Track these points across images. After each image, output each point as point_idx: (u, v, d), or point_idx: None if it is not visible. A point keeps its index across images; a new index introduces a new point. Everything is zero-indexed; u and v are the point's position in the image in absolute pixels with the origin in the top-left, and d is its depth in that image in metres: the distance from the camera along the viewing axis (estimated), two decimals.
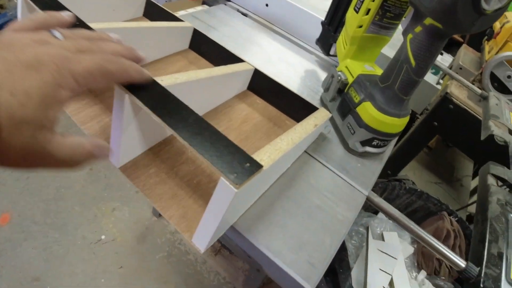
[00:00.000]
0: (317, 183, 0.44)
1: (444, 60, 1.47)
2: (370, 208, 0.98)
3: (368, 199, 0.46)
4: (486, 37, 1.48)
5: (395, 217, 0.48)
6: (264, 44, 0.70)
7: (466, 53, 1.45)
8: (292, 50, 0.71)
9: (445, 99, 1.10)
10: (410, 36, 0.40)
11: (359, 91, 0.46)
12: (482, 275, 0.41)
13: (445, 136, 1.24)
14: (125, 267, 1.18)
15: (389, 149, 0.52)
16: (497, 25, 1.37)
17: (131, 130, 0.37)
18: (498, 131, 0.76)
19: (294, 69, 0.65)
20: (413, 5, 0.38)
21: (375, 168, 0.49)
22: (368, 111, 0.44)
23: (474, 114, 1.07)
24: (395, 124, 0.44)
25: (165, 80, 0.38)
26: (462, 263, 0.45)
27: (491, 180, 0.62)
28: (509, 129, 0.78)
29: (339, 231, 0.39)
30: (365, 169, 0.48)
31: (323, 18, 0.65)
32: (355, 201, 0.44)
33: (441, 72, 1.39)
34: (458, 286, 0.87)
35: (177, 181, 0.39)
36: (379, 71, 0.51)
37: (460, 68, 1.29)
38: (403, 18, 0.49)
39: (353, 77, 0.48)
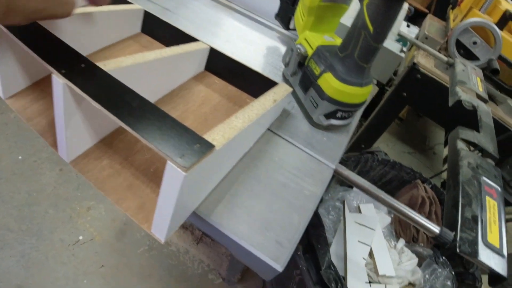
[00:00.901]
0: (282, 160, 0.42)
1: (411, 32, 1.48)
2: (345, 182, 0.99)
3: (336, 172, 0.46)
4: (450, 6, 1.50)
5: (365, 188, 0.48)
6: (223, 23, 0.67)
7: (431, 23, 1.46)
8: (252, 27, 0.69)
9: (413, 69, 1.11)
10: (366, 1, 0.38)
11: (319, 62, 0.45)
12: (458, 239, 0.41)
13: (415, 106, 1.26)
14: (107, 266, 1.16)
15: (355, 121, 0.51)
16: None
17: (76, 121, 0.34)
18: (465, 96, 0.77)
19: (254, 47, 0.63)
20: None
21: (341, 140, 0.49)
22: (329, 83, 0.43)
23: (442, 82, 1.09)
24: (358, 93, 0.43)
25: (108, 65, 0.35)
26: (436, 229, 0.44)
27: (461, 145, 0.62)
28: (476, 94, 0.79)
29: (307, 207, 0.38)
30: (331, 142, 0.48)
31: None
32: (322, 175, 0.43)
33: (408, 44, 1.40)
34: (437, 251, 0.89)
35: (132, 171, 0.37)
36: (339, 41, 0.49)
37: (426, 38, 1.30)
38: None
39: (312, 49, 0.47)
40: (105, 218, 1.26)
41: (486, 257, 0.40)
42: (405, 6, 0.90)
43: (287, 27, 0.63)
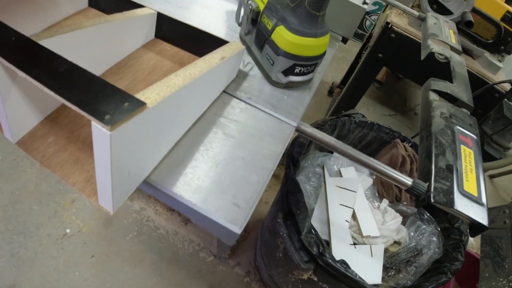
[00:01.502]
0: (239, 122, 0.41)
1: None
2: (324, 148, 0.98)
3: (298, 130, 0.44)
4: None
5: (331, 145, 0.46)
6: None
7: None
8: None
9: (387, 29, 1.08)
10: None
11: (271, 16, 0.42)
12: (432, 189, 0.39)
13: (392, 67, 1.24)
14: (97, 256, 1.15)
15: (317, 77, 0.49)
16: None
17: (14, 99, 0.32)
18: (437, 49, 0.75)
19: (210, 11, 0.60)
20: None
21: (303, 98, 0.47)
22: (282, 36, 0.40)
23: (416, 39, 1.07)
24: (313, 45, 0.41)
25: (40, 36, 0.33)
26: (408, 181, 0.42)
27: (432, 96, 0.60)
28: (450, 46, 0.77)
29: (266, 166, 0.37)
30: (293, 100, 0.46)
31: None
32: (283, 134, 0.41)
33: (383, 6, 1.37)
34: (421, 209, 0.89)
35: (78, 145, 0.35)
36: None
37: None
38: None
39: (263, 3, 0.44)
40: (90, 208, 1.25)
41: (464, 206, 0.38)
42: None
43: None
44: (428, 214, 0.85)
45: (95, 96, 0.25)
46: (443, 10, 1.12)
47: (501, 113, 1.43)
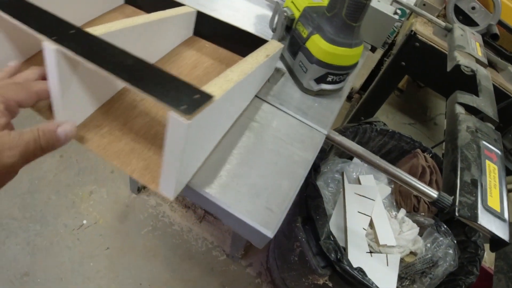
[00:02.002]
0: (271, 127, 0.41)
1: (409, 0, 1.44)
2: (344, 154, 0.98)
3: (328, 138, 0.44)
4: None
5: (359, 154, 0.46)
6: None
7: None
8: None
9: (411, 37, 1.08)
10: None
11: (306, 24, 0.43)
12: (457, 203, 0.39)
13: (414, 75, 1.23)
14: (111, 248, 1.18)
15: (347, 85, 0.50)
16: None
17: (72, 90, 0.33)
18: (464, 61, 0.75)
19: (241, 15, 0.60)
20: None
21: (333, 106, 0.47)
22: (317, 44, 0.41)
23: (441, 49, 1.06)
24: (348, 55, 0.41)
25: (98, 30, 0.34)
26: (434, 193, 0.42)
27: (459, 109, 0.60)
28: (475, 59, 0.77)
29: (297, 172, 0.38)
30: (323, 108, 0.46)
31: None
32: (313, 141, 0.42)
33: (407, 13, 1.36)
34: (438, 220, 0.89)
35: (132, 136, 0.36)
36: (327, 2, 0.47)
37: (424, 5, 1.25)
38: None
39: (299, 11, 0.45)
40: (107, 201, 1.27)
41: (487, 221, 0.39)
42: None
43: None
44: (445, 226, 0.85)
45: (166, 88, 0.26)
46: (469, 21, 1.11)
47: None
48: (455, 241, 0.83)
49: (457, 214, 0.39)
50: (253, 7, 0.64)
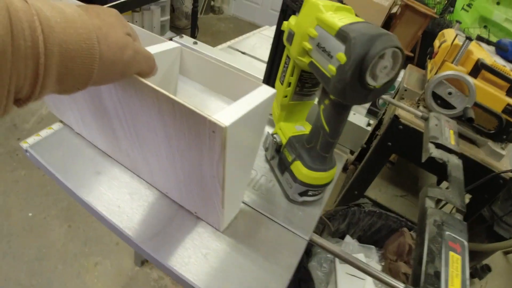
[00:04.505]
0: (263, 235, 0.51)
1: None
2: (336, 233, 1.06)
3: (311, 241, 0.53)
4: (428, 56, 1.62)
5: (336, 253, 0.55)
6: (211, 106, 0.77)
7: (411, 73, 1.57)
8: None
9: (394, 121, 1.20)
10: (322, 107, 0.48)
11: (290, 151, 0.54)
12: None
13: (400, 154, 1.34)
14: None
15: (326, 194, 0.60)
16: (436, 44, 1.49)
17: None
18: (436, 153, 0.86)
19: None
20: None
21: (315, 213, 0.57)
22: (299, 169, 0.52)
23: (422, 131, 1.18)
24: (323, 177, 0.52)
25: None
26: (400, 285, 0.50)
27: (428, 203, 0.69)
28: (448, 148, 0.87)
29: (284, 276, 0.46)
30: (306, 215, 0.56)
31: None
32: (297, 247, 0.51)
33: (385, 103, 1.50)
34: None
35: None
36: (308, 129, 0.59)
37: (405, 90, 1.40)
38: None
39: (285, 138, 0.56)
40: (111, 273, 1.32)
41: None
42: None
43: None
44: None
45: None
46: (446, 105, 1.23)
47: (510, 194, 1.48)
48: None
49: None
50: None
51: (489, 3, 2.26)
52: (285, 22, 0.51)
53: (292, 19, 0.49)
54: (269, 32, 1.27)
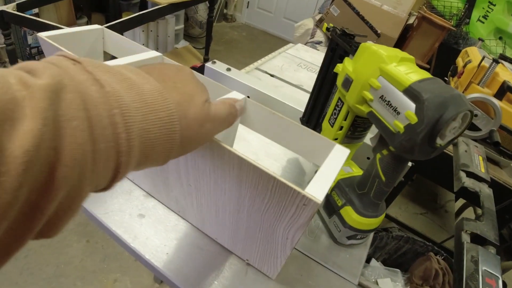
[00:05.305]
0: (314, 283, 0.50)
1: None
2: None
3: (359, 285, 0.53)
4: (450, 72, 1.60)
5: None
6: (250, 138, 0.77)
7: None
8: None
9: None
10: (379, 156, 0.47)
11: (340, 195, 0.53)
12: None
13: (424, 174, 1.33)
14: None
15: (371, 235, 0.59)
16: (460, 62, 1.47)
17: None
18: (468, 182, 0.85)
19: (280, 164, 0.72)
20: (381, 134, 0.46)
21: (361, 255, 0.56)
22: (350, 215, 0.51)
23: (447, 152, 1.17)
24: (374, 223, 0.51)
25: None
26: None
27: (464, 237, 0.68)
28: (479, 176, 0.86)
29: None
30: (352, 258, 0.55)
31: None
32: None
33: None
34: None
35: None
36: (356, 170, 0.58)
37: None
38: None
39: (334, 181, 0.55)
40: None
41: None
42: None
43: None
44: None
45: None
46: (472, 126, 1.21)
47: None
48: None
49: None
50: (290, 154, 0.76)
51: (504, 15, 2.24)
52: (339, 65, 0.50)
53: (348, 63, 0.48)
54: (294, 51, 1.26)
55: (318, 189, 0.30)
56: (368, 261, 1.05)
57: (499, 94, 1.21)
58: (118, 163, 0.21)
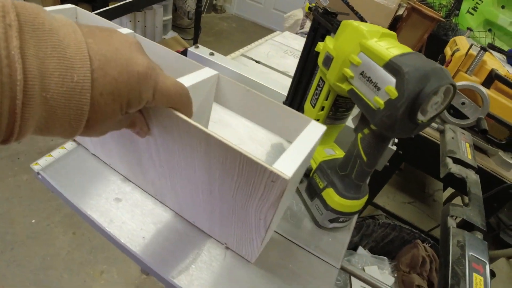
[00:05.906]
0: (296, 267, 0.49)
1: None
2: (349, 245, 1.05)
3: (342, 269, 0.52)
4: (438, 62, 1.60)
5: (368, 281, 0.54)
6: (235, 124, 0.75)
7: None
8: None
9: None
10: (360, 135, 0.46)
11: (322, 177, 0.52)
12: None
13: (411, 163, 1.33)
14: None
15: (354, 219, 0.58)
16: (448, 51, 1.47)
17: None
18: (455, 168, 0.84)
19: (264, 148, 0.70)
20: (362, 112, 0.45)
21: (344, 239, 0.55)
22: (331, 197, 0.50)
23: (434, 140, 1.17)
24: (356, 204, 0.50)
25: None
26: None
27: (450, 222, 0.68)
28: (465, 162, 0.86)
29: None
30: (335, 241, 0.54)
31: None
32: (330, 276, 0.49)
33: None
34: None
35: None
36: (339, 153, 0.57)
37: None
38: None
39: (315, 163, 0.54)
40: (117, 282, 1.30)
41: None
42: None
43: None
44: None
45: None
46: (459, 114, 1.22)
47: None
48: None
49: None
50: (273, 138, 0.74)
51: (494, 7, 2.25)
52: (320, 43, 0.49)
53: (329, 41, 0.47)
54: (281, 38, 1.24)
55: (287, 165, 0.29)
56: (355, 249, 1.05)
57: (487, 83, 1.21)
58: (14, 104, 0.20)
